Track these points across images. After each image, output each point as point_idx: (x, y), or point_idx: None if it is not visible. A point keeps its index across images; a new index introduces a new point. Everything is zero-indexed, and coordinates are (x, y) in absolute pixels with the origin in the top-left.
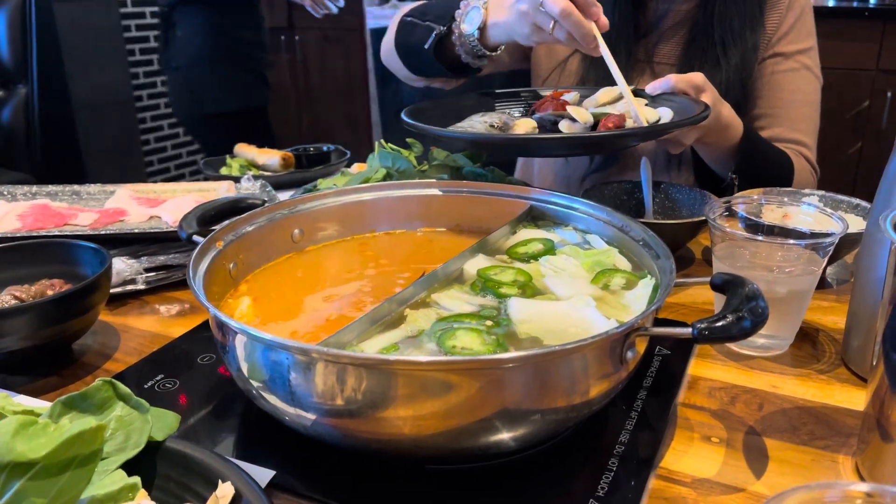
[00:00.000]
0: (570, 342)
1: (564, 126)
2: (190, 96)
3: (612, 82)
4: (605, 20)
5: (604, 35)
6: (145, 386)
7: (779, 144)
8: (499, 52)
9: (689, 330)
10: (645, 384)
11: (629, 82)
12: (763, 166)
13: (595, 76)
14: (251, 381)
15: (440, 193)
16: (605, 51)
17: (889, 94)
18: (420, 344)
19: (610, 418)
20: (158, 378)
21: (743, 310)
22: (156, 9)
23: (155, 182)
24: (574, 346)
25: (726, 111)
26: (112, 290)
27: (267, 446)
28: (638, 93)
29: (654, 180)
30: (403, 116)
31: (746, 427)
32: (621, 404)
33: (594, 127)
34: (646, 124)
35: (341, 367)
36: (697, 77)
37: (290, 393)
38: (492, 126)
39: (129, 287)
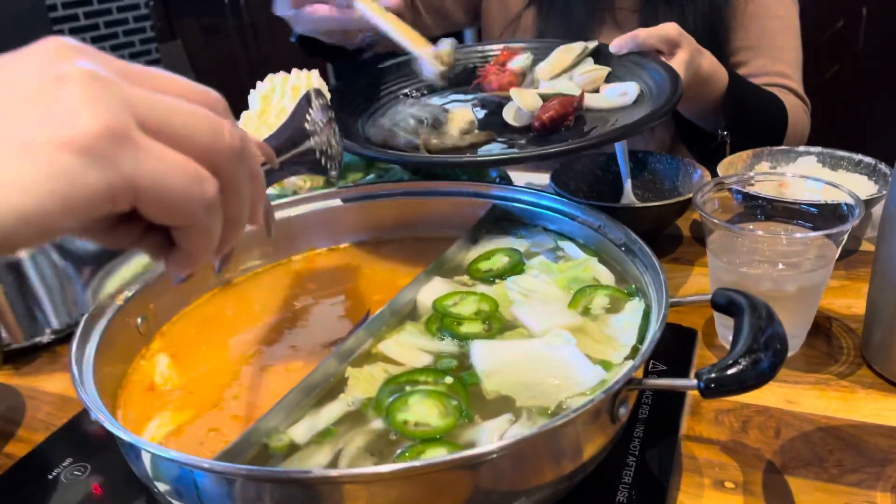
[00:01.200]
0: (550, 422)
1: (510, 114)
2: None
3: (570, 37)
4: None
5: None
6: (50, 476)
7: (764, 79)
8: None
9: (695, 382)
10: (641, 415)
11: (589, 35)
12: (755, 116)
13: (553, 31)
14: (156, 483)
15: (387, 199)
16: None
17: (864, 12)
18: (364, 421)
19: (605, 470)
20: (66, 463)
21: (758, 346)
22: None
23: None
24: (556, 426)
25: (706, 62)
26: (16, 346)
27: None
28: (601, 53)
29: (631, 150)
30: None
31: (764, 462)
32: (617, 448)
33: None
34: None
35: (262, 486)
36: (670, 29)
37: None
38: (421, 122)
39: (35, 340)
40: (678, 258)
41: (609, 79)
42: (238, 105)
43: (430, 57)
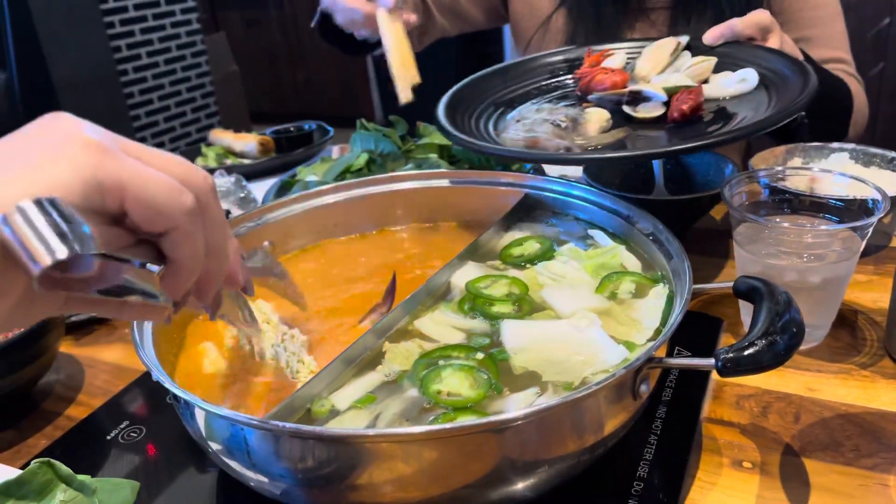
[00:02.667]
0: (573, 394)
1: (637, 109)
2: None
3: (603, 36)
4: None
5: None
6: (108, 437)
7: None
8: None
9: (712, 361)
10: (664, 397)
11: (621, 34)
12: (828, 98)
13: (584, 31)
14: (210, 444)
15: (422, 186)
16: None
17: None
18: (400, 390)
19: (626, 446)
20: (123, 426)
21: (774, 329)
22: None
23: None
24: (578, 397)
25: (788, 46)
26: (76, 318)
27: None
28: (692, 46)
29: None
30: (441, 120)
31: (782, 445)
32: (639, 425)
33: (667, 103)
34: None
35: (307, 443)
36: (763, 15)
37: (251, 465)
38: (557, 126)
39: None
40: (708, 251)
41: (716, 69)
42: (277, 91)
43: (402, 84)
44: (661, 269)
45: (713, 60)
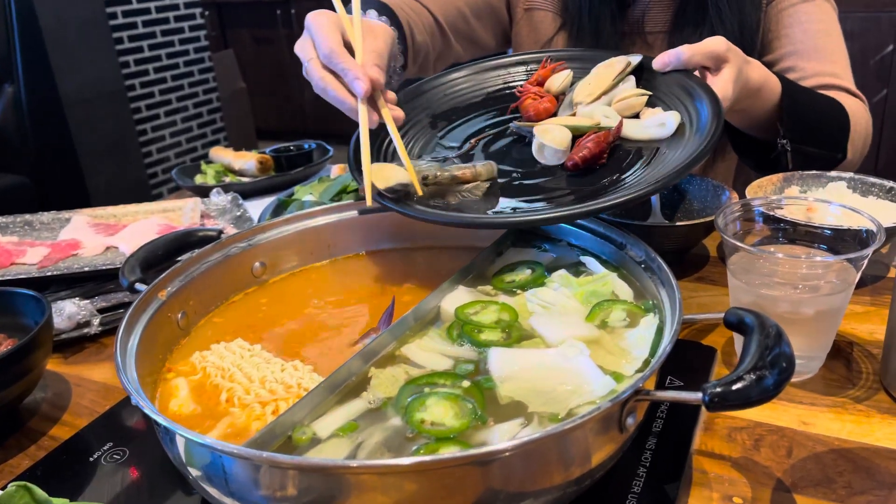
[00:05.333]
0: (557, 427)
1: (539, 152)
2: None
3: (605, 58)
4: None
5: (585, 6)
6: (91, 459)
7: (815, 80)
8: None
9: (699, 395)
10: (655, 428)
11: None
12: (815, 121)
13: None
14: (189, 469)
15: None
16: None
17: None
18: (384, 418)
19: (615, 478)
20: (107, 447)
21: (764, 364)
22: None
23: (154, 170)
24: (563, 430)
25: (755, 74)
26: (66, 336)
27: None
28: (644, 69)
29: None
30: (350, 156)
31: (773, 480)
32: (628, 456)
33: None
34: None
35: (286, 472)
36: (717, 44)
37: (230, 493)
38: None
39: (84, 331)
40: (704, 278)
41: (651, 102)
42: (283, 109)
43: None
44: (653, 297)
45: (645, 97)
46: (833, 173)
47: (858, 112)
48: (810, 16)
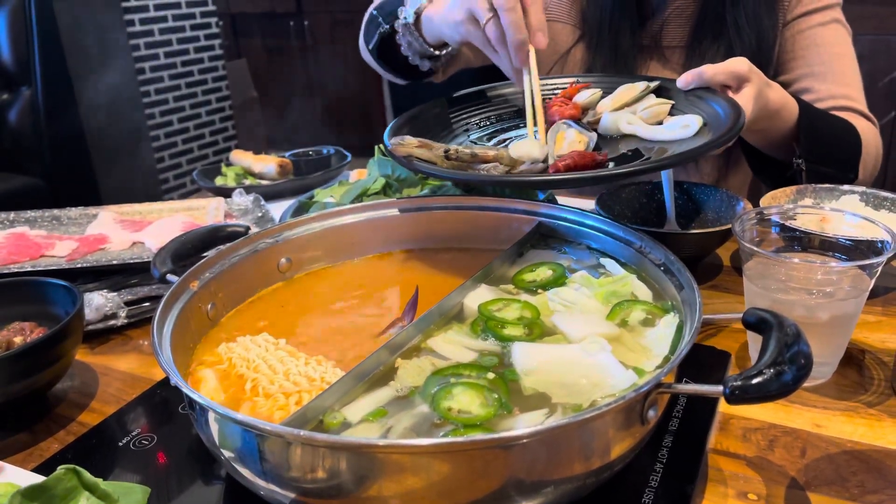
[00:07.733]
0: (582, 414)
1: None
2: None
3: (619, 70)
4: (543, 42)
5: (605, 19)
6: (120, 444)
7: (829, 102)
8: (445, 51)
9: (721, 388)
10: (671, 426)
11: (635, 70)
12: (830, 143)
13: (601, 66)
14: (223, 450)
15: (439, 210)
16: (533, 72)
17: None
18: (411, 405)
19: (632, 473)
20: (135, 433)
21: (783, 360)
22: (160, 1)
23: (166, 176)
24: (587, 418)
25: (775, 95)
26: (92, 327)
27: None
28: (664, 89)
29: (676, 180)
30: (386, 141)
31: (788, 479)
32: (645, 454)
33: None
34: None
35: (318, 452)
36: (740, 64)
37: (262, 472)
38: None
39: (111, 322)
40: (717, 285)
41: (673, 112)
42: (295, 117)
43: (528, 145)
44: (672, 298)
45: (668, 104)
46: (846, 187)
47: (870, 134)
48: (826, 39)
